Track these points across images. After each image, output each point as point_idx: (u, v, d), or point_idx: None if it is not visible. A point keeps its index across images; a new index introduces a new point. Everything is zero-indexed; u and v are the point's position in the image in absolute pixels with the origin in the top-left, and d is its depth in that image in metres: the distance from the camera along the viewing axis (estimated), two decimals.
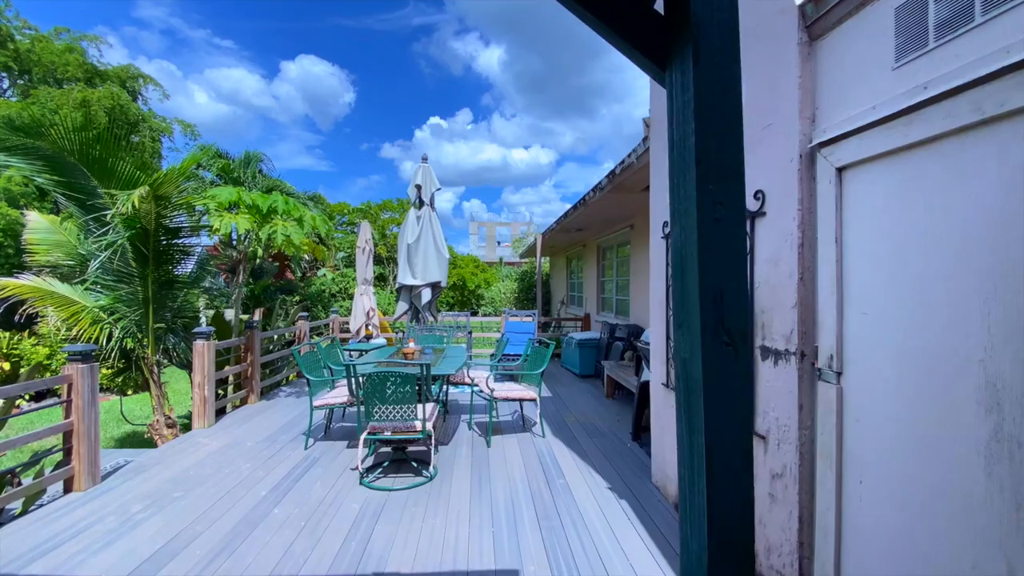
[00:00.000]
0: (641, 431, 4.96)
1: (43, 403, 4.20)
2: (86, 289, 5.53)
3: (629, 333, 7.16)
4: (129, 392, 10.32)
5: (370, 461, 4.28)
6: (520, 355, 7.56)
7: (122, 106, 13.39)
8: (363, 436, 3.74)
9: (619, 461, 4.33)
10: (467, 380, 5.18)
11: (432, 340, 6.68)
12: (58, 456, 3.71)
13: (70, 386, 3.65)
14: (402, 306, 5.13)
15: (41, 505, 3.47)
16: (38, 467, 3.61)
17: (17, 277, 5.02)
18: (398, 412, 3.68)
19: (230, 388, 6.77)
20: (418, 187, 5.03)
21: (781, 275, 2.21)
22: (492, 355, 7.68)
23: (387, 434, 3.77)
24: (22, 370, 8.46)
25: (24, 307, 4.91)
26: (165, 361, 6.90)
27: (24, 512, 3.33)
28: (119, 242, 5.19)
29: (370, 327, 9.09)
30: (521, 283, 16.95)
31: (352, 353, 9.06)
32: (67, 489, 3.67)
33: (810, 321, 2.10)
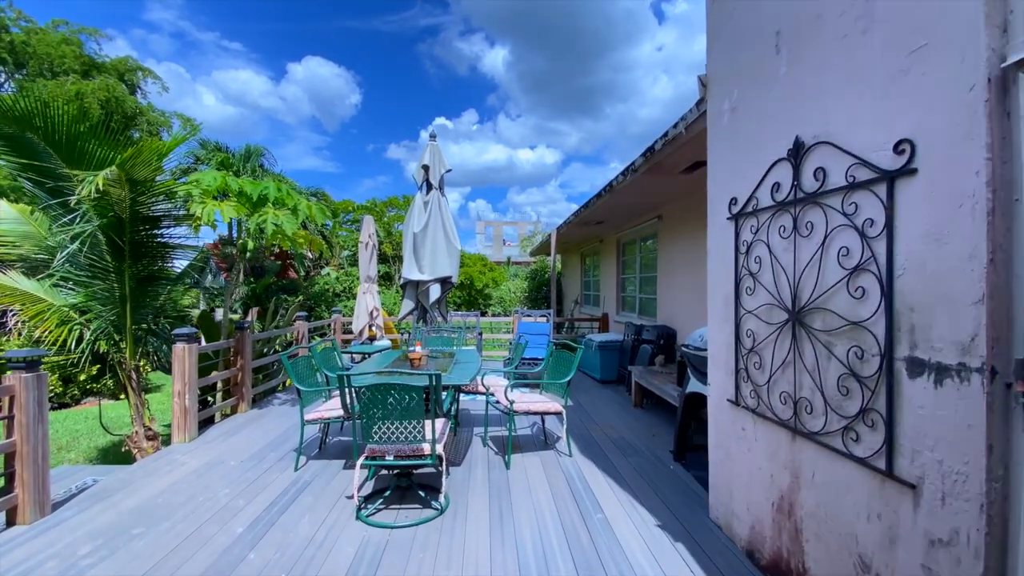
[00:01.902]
0: (686, 450, 4.29)
1: None
2: (54, 285, 4.94)
3: (658, 335, 6.48)
4: (121, 397, 9.77)
5: (369, 487, 3.63)
6: (539, 359, 6.90)
7: (118, 98, 12.88)
8: (360, 461, 3.09)
9: (664, 488, 3.66)
10: (481, 388, 4.54)
11: (441, 343, 6.04)
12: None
13: (12, 399, 3.03)
14: (408, 304, 4.47)
15: None
16: None
17: None
18: (402, 431, 3.03)
19: (219, 395, 6.17)
20: (425, 168, 4.38)
21: (949, 256, 1.54)
22: (507, 360, 7.03)
23: (389, 458, 3.12)
24: None
25: None
26: (148, 366, 6.32)
27: None
28: (88, 232, 4.60)
29: (374, 328, 8.47)
30: (531, 282, 16.26)
31: (354, 356, 8.44)
32: (10, 521, 3.06)
33: (1003, 323, 1.43)
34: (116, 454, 6.44)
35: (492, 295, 18.55)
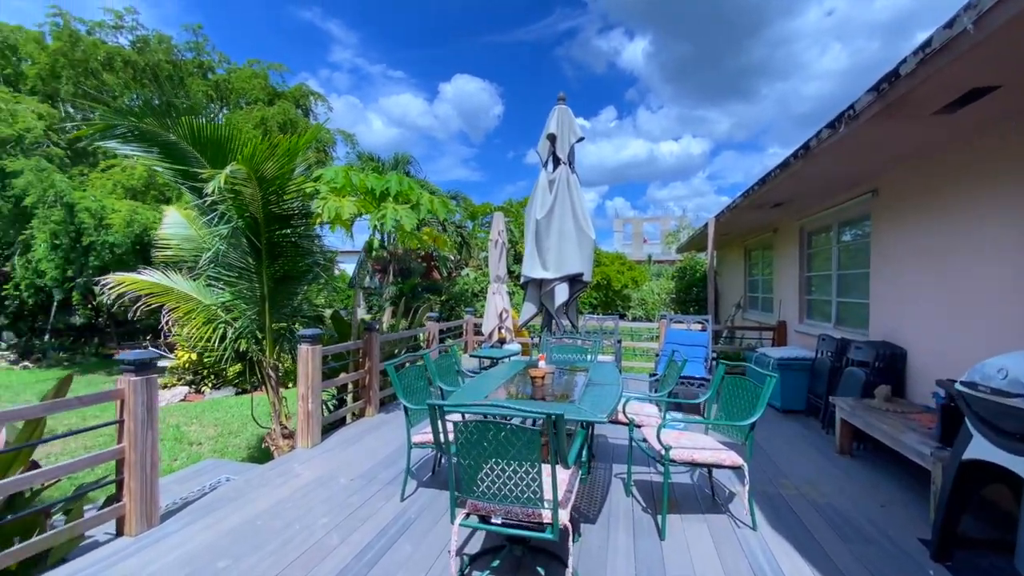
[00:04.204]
0: (953, 546, 2.70)
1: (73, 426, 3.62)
2: (207, 285, 5.20)
3: (876, 356, 4.65)
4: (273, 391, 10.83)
5: (477, 542, 2.85)
6: (694, 379, 5.53)
7: (292, 120, 14.61)
8: (459, 521, 2.30)
9: None
10: (623, 418, 3.49)
11: (571, 352, 5.09)
12: (110, 488, 3.01)
13: (122, 403, 2.91)
14: (529, 308, 3.61)
15: (80, 553, 2.76)
16: (77, 504, 2.93)
17: (139, 273, 4.81)
18: (513, 487, 2.16)
19: (349, 397, 6.09)
20: (551, 138, 3.47)
21: None
22: (654, 376, 5.79)
23: (495, 521, 2.27)
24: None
25: (139, 303, 4.65)
26: (286, 363, 6.55)
27: (54, 564, 2.61)
28: (226, 232, 4.68)
29: (503, 330, 7.88)
30: (679, 282, 14.36)
31: (483, 361, 7.96)
32: (119, 530, 2.95)
33: None
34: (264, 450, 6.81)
35: (632, 297, 17.01)
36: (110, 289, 4.59)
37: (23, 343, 14.05)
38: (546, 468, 2.19)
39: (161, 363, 11.46)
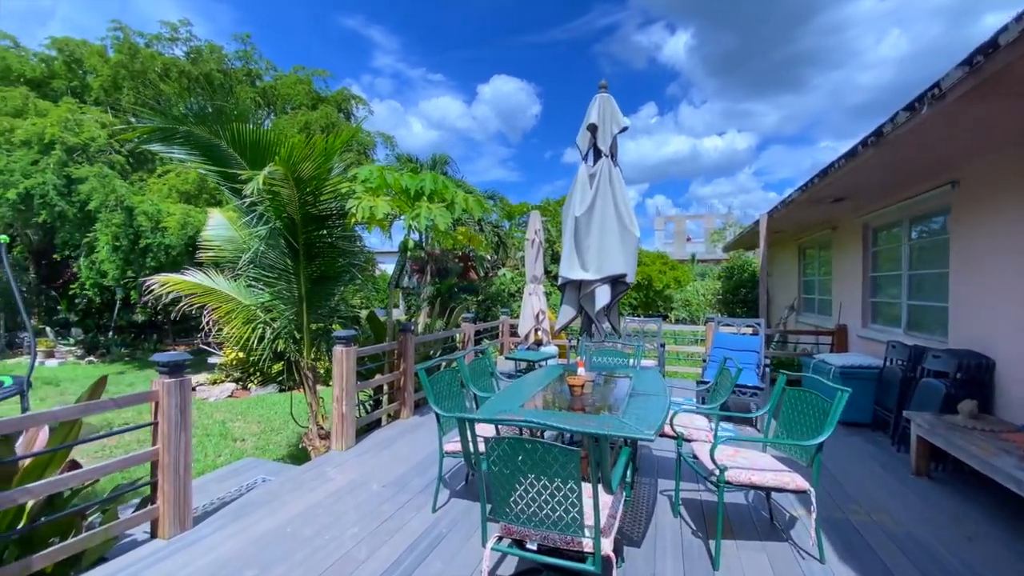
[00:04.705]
0: None
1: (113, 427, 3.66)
2: (248, 286, 5.26)
3: (958, 366, 4.16)
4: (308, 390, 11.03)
5: (510, 565, 2.66)
6: (746, 387, 5.14)
7: (333, 123, 14.91)
8: (490, 545, 2.11)
9: None
10: (670, 432, 3.22)
11: (611, 356, 4.83)
12: (146, 490, 3.00)
13: (156, 405, 2.90)
14: (567, 311, 3.37)
15: (114, 553, 2.76)
16: (112, 505, 2.93)
17: (182, 273, 4.91)
18: (550, 511, 1.95)
19: (384, 398, 6.05)
20: (592, 128, 3.23)
21: None
22: (702, 385, 5.44)
23: (530, 547, 2.07)
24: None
25: (181, 304, 4.74)
26: (324, 363, 6.57)
27: (89, 567, 2.61)
28: (264, 233, 4.70)
29: (539, 332, 7.68)
30: (726, 282, 13.68)
31: (519, 364, 7.78)
32: (154, 532, 2.95)
33: None
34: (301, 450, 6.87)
35: (674, 297, 16.38)
36: (155, 290, 4.70)
37: (89, 339, 14.99)
38: (587, 488, 1.97)
39: (211, 360, 11.95)
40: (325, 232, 5.21)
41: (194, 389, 10.58)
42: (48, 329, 15.17)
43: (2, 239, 5.94)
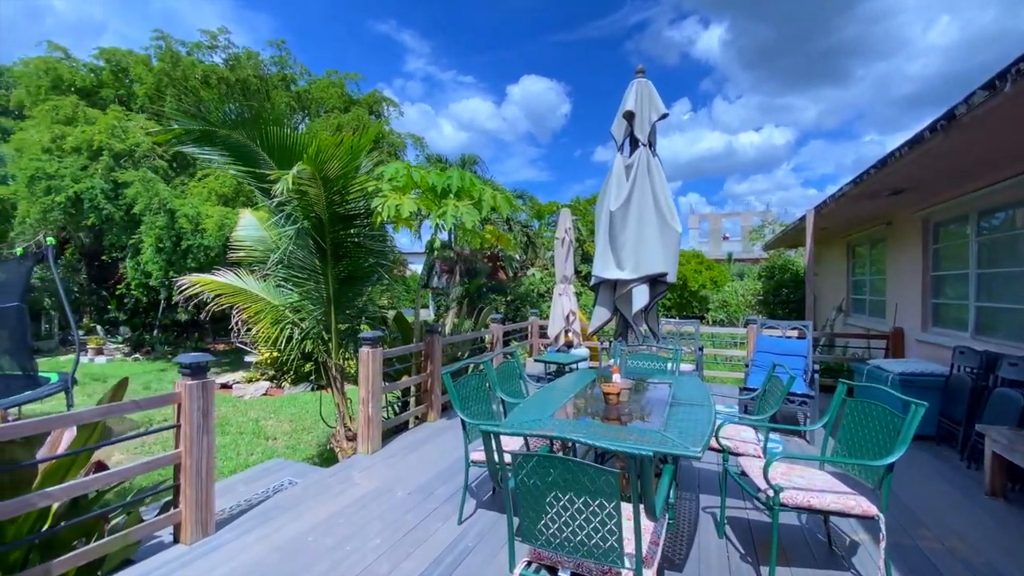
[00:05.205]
0: None
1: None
2: (277, 286, 5.25)
3: None
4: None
5: None
6: (795, 396, 4.78)
7: (364, 125, 15.03)
8: (519, 570, 1.93)
9: None
10: (715, 444, 2.96)
11: (648, 361, 4.56)
12: (169, 492, 2.96)
13: (179, 407, 2.85)
14: (600, 313, 3.14)
15: (133, 559, 2.71)
16: (135, 508, 2.90)
17: (213, 274, 4.94)
18: (584, 538, 1.75)
19: (412, 400, 5.96)
20: (628, 116, 2.99)
21: None
22: (745, 394, 5.10)
23: (563, 574, 1.88)
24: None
25: (210, 304, 4.76)
26: (354, 365, 6.52)
27: (112, 570, 2.57)
28: (292, 233, 4.67)
29: (570, 334, 7.45)
30: (767, 282, 13.04)
31: (548, 366, 7.57)
32: (177, 537, 2.90)
33: None
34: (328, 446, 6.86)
35: (710, 298, 15.79)
36: (186, 290, 4.74)
37: (136, 337, 15.66)
38: (626, 510, 1.76)
39: (247, 358, 12.23)
40: (353, 232, 5.15)
41: (230, 386, 10.83)
42: (99, 327, 15.93)
43: (49, 242, 6.14)
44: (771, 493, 2.37)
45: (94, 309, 16.57)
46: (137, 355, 14.60)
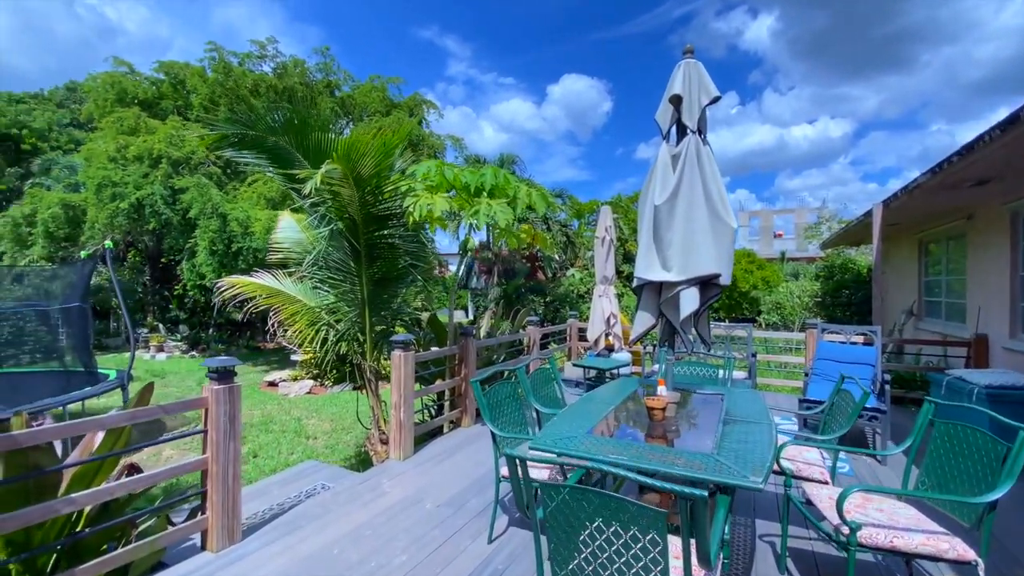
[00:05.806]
0: None
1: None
2: (314, 288, 5.26)
3: None
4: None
5: None
6: (868, 410, 4.31)
7: (401, 126, 15.22)
8: None
9: None
10: (776, 465, 2.62)
11: (697, 368, 4.22)
12: (198, 498, 2.93)
13: (206, 412, 2.81)
14: (644, 319, 2.86)
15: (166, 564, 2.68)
16: (163, 514, 2.87)
17: (252, 275, 4.99)
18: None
19: (446, 404, 5.84)
20: (675, 101, 2.70)
21: None
22: (804, 400, 4.66)
23: None
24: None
25: (248, 306, 4.80)
26: (389, 367, 6.47)
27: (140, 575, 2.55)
28: (325, 234, 4.64)
29: (611, 337, 7.14)
30: (826, 282, 12.15)
31: (587, 372, 7.27)
32: (203, 543, 2.86)
33: None
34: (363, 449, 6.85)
35: (762, 300, 14.94)
36: (224, 292, 4.80)
37: (193, 335, 16.50)
38: (673, 546, 1.51)
39: (293, 357, 12.58)
40: (387, 232, 5.07)
41: (277, 384, 11.16)
42: (161, 326, 16.91)
43: (107, 245, 6.39)
44: (846, 531, 2.04)
45: (157, 308, 17.59)
46: (194, 352, 15.36)
